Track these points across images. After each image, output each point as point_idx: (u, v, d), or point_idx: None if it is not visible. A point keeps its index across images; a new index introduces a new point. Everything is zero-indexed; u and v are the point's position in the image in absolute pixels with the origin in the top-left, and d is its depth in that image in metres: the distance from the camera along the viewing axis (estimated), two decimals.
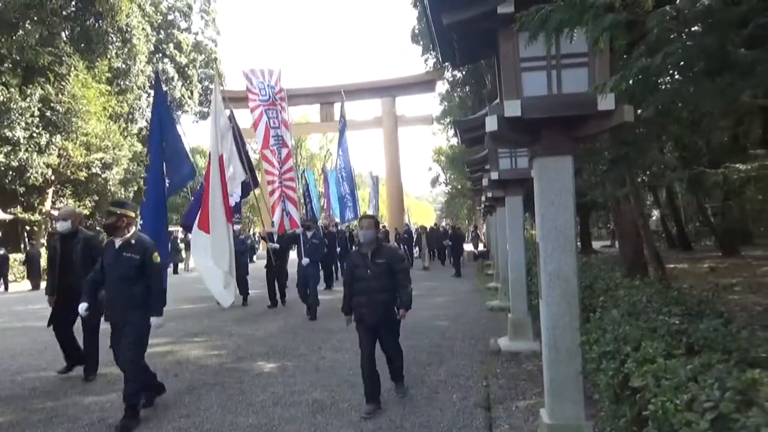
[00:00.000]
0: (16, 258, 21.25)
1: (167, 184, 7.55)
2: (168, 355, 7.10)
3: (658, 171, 9.94)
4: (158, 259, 4.78)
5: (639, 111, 5.34)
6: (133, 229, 4.82)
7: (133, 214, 4.86)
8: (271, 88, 11.18)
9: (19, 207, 23.14)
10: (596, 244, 27.13)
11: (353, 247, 15.06)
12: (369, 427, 4.37)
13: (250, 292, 12.19)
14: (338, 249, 15.42)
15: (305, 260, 9.82)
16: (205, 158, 27.83)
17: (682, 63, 2.53)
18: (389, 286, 4.87)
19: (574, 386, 3.44)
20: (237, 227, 11.17)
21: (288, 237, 11.35)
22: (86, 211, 23.79)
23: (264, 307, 11.05)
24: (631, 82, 2.65)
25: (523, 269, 7.32)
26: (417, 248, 23.86)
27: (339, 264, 15.83)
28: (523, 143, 4.30)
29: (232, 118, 11.05)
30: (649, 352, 2.19)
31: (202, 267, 7.92)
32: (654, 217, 27.66)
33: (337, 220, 18.14)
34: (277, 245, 11.33)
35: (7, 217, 22.41)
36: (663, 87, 5.54)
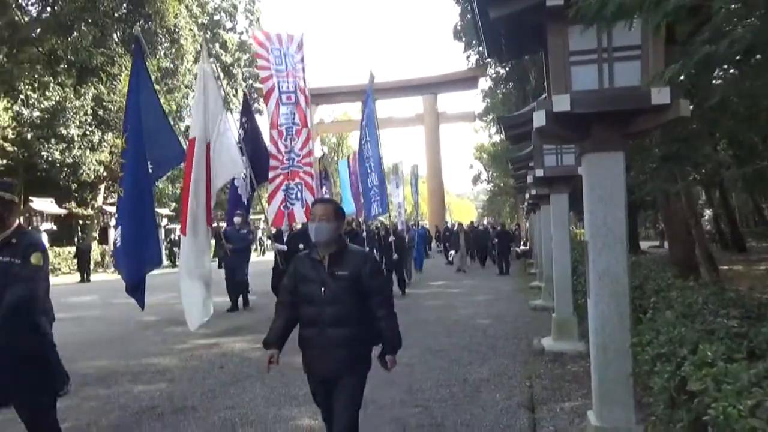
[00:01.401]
0: (69, 251, 22.19)
1: (150, 169, 6.30)
2: (214, 347, 7.27)
3: (711, 169, 9.55)
4: (40, 261, 3.32)
5: (691, 106, 5.13)
6: (15, 222, 3.36)
7: (9, 198, 3.29)
8: (289, 57, 9.52)
9: (72, 202, 24.14)
10: (644, 244, 26.35)
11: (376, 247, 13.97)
12: (411, 424, 4.36)
13: (251, 295, 11.03)
14: (366, 249, 14.80)
15: None
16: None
17: (746, 51, 2.40)
18: (354, 316, 3.01)
19: (624, 389, 3.34)
20: (237, 220, 10.45)
21: (299, 234, 9.69)
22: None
23: None
24: (689, 72, 2.52)
25: (569, 268, 7.16)
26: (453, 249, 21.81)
27: None
28: (572, 139, 4.19)
29: (245, 104, 10.85)
30: (707, 355, 2.10)
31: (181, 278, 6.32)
32: (706, 217, 26.65)
33: (351, 216, 16.34)
34: (284, 247, 9.84)
35: (62, 211, 23.40)
36: (719, 80, 5.33)
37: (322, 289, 2.97)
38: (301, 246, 10.25)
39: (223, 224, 13.68)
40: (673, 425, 2.30)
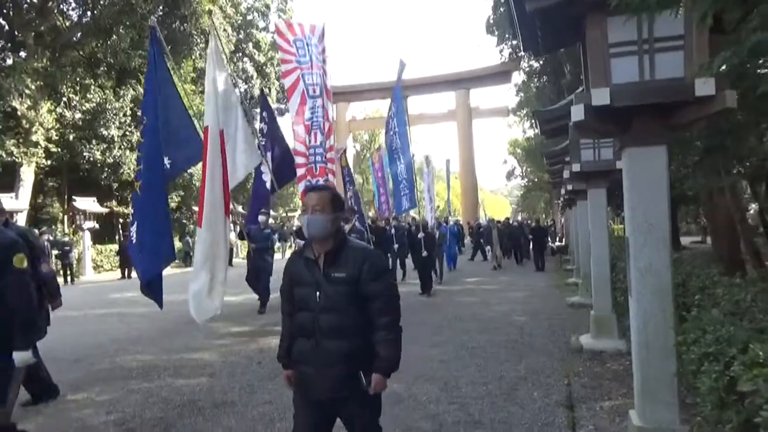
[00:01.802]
0: (111, 249, 22.87)
1: (167, 166, 6.14)
2: (251, 343, 7.38)
3: (757, 161, 9.21)
4: (24, 263, 3.26)
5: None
6: None
7: None
8: (312, 48, 8.90)
9: (114, 201, 24.86)
10: (685, 240, 25.63)
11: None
12: (448, 421, 4.35)
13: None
14: (395, 246, 13.91)
15: None
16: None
17: None
18: (356, 326, 2.55)
19: (668, 388, 3.26)
20: (262, 218, 10.18)
21: None
22: (173, 205, 25.20)
23: None
24: (740, 61, 2.43)
25: (607, 265, 7.03)
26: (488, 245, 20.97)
27: (400, 263, 14.82)
28: (611, 133, 4.10)
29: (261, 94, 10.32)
30: (758, 354, 2.03)
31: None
32: (751, 211, 25.73)
33: (364, 214, 15.54)
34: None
35: (104, 210, 24.10)
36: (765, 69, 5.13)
37: (317, 293, 2.49)
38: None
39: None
40: (721, 426, 2.24)
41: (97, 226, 22.88)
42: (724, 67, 2.83)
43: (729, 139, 6.59)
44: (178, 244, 25.94)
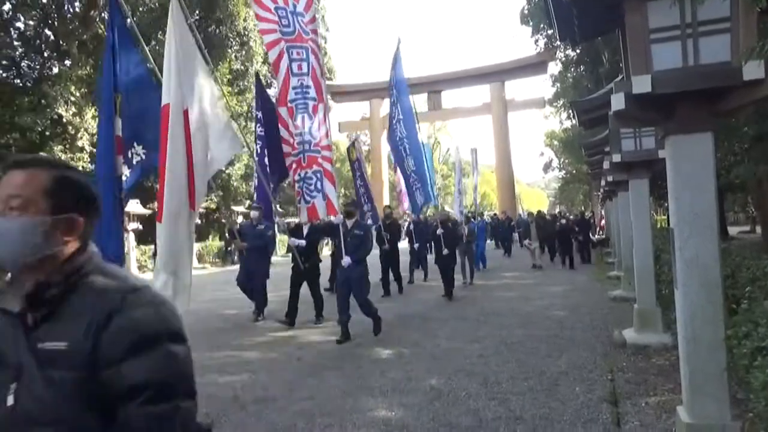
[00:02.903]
0: (152, 249, 23.55)
1: (141, 156, 5.46)
2: (291, 340, 7.48)
3: None
4: None
5: None
6: None
7: None
8: (298, 17, 7.53)
9: (156, 203, 25.56)
10: (732, 230, 24.74)
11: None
12: (488, 417, 4.31)
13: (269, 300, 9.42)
14: (416, 245, 13.04)
15: (345, 260, 7.19)
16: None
17: None
18: None
19: (718, 383, 3.15)
20: (254, 214, 9.18)
21: (321, 227, 8.55)
22: (212, 206, 25.74)
23: (377, 296, 11.15)
24: None
25: (651, 257, 6.84)
26: (527, 240, 19.06)
27: (420, 265, 13.64)
28: (654, 121, 3.99)
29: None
30: None
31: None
32: None
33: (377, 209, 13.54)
34: (302, 242, 8.49)
35: (147, 212, 24.78)
36: None
37: (12, 387, 1.16)
38: (327, 241, 10.20)
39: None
40: None
41: (141, 227, 23.55)
42: None
43: None
44: (219, 243, 26.54)
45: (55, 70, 22.76)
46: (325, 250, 11.46)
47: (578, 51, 17.81)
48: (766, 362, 2.20)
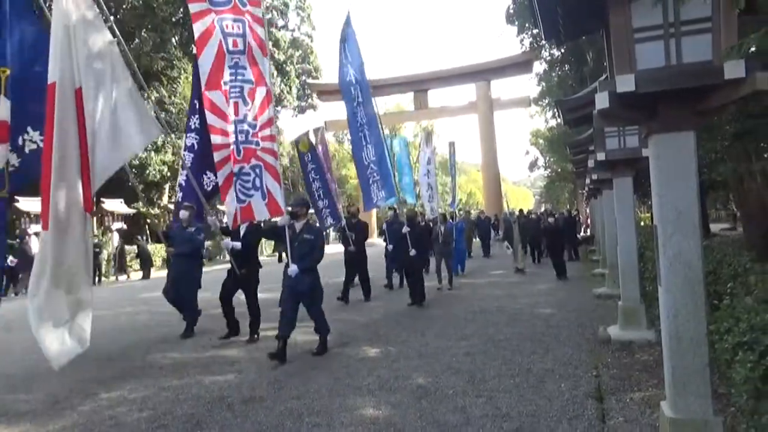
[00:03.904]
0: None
1: (38, 144, 4.73)
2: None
3: None
4: None
5: None
6: None
7: None
8: None
9: (140, 202, 25.33)
10: (714, 227, 25.07)
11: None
12: (475, 414, 4.33)
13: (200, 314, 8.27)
14: (389, 247, 11.26)
15: (292, 268, 6.30)
16: None
17: None
18: None
19: (701, 378, 3.19)
20: (183, 215, 7.86)
21: (262, 229, 7.60)
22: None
23: (362, 295, 11.08)
24: None
25: (635, 254, 6.92)
26: (506, 242, 18.10)
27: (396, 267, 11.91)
28: (638, 120, 4.03)
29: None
30: None
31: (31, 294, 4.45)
32: None
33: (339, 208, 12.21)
34: (237, 244, 7.32)
35: (131, 211, 24.56)
36: None
37: None
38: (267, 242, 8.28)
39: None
40: (758, 417, 2.18)
41: (125, 226, 23.32)
42: (753, 49, 2.75)
43: (760, 123, 6.42)
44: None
45: None
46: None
47: (563, 50, 17.94)
48: (747, 357, 2.24)
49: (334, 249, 12.25)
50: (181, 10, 26.53)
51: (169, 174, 24.36)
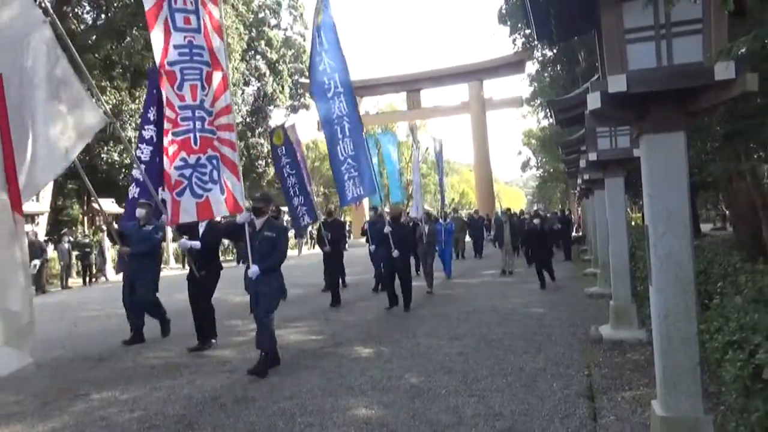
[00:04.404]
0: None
1: None
2: None
3: None
4: None
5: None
6: None
7: None
8: None
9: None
10: (705, 227, 25.28)
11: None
12: (467, 414, 4.34)
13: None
14: (371, 247, 10.63)
15: (253, 269, 5.74)
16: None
17: None
18: None
19: (691, 377, 3.22)
20: (140, 212, 7.42)
21: (222, 227, 7.12)
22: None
23: (357, 294, 11.09)
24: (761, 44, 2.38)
25: (626, 254, 6.95)
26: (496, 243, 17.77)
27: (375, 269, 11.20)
28: (629, 120, 4.05)
29: None
30: None
31: None
32: None
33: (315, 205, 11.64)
34: (196, 243, 6.85)
35: (122, 210, 24.40)
36: None
37: None
38: (227, 243, 7.39)
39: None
40: (747, 415, 2.20)
41: (116, 226, 23.19)
42: (743, 51, 2.77)
43: (750, 123, 6.47)
44: None
45: None
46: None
47: (555, 51, 18.01)
48: (737, 356, 2.26)
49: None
50: None
51: None
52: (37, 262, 15.27)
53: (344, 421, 4.32)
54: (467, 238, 21.36)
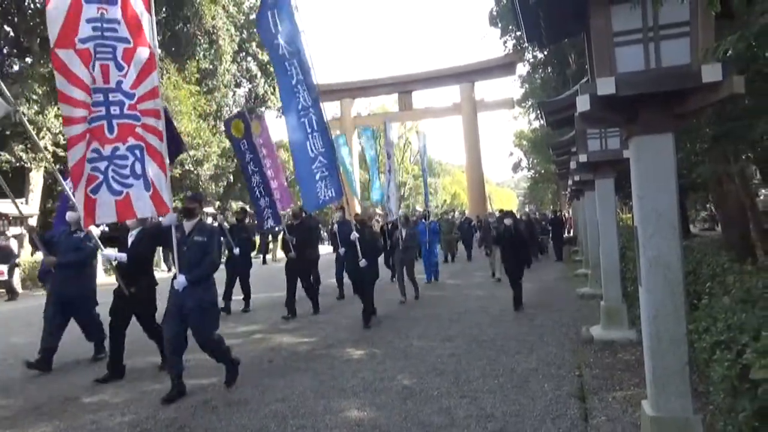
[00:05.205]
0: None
1: None
2: (262, 342, 7.41)
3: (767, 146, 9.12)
4: None
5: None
6: None
7: None
8: None
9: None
10: (694, 228, 25.47)
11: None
12: (459, 415, 4.35)
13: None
14: (340, 250, 9.88)
15: (179, 280, 5.01)
16: (287, 153, 28.11)
17: None
18: None
19: (681, 378, 3.24)
20: (73, 216, 6.39)
21: (154, 233, 5.89)
22: (178, 205, 25.35)
23: (347, 295, 11.03)
24: (747, 45, 2.41)
25: (617, 255, 7.00)
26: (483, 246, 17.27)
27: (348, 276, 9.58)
28: (618, 122, 4.08)
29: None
30: None
31: None
32: (761, 197, 25.52)
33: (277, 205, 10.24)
34: (122, 255, 5.84)
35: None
36: None
37: None
38: (161, 251, 6.40)
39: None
40: (735, 415, 2.22)
41: (106, 228, 23.02)
42: (730, 52, 2.80)
43: (738, 125, 6.54)
44: None
45: (16, 67, 22.06)
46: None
47: (546, 53, 18.12)
48: (725, 356, 2.28)
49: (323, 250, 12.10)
50: (164, 9, 26.33)
51: None
52: (4, 267, 14.86)
53: (336, 423, 4.32)
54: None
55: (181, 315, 5.07)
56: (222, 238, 7.25)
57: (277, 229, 10.14)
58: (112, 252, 5.81)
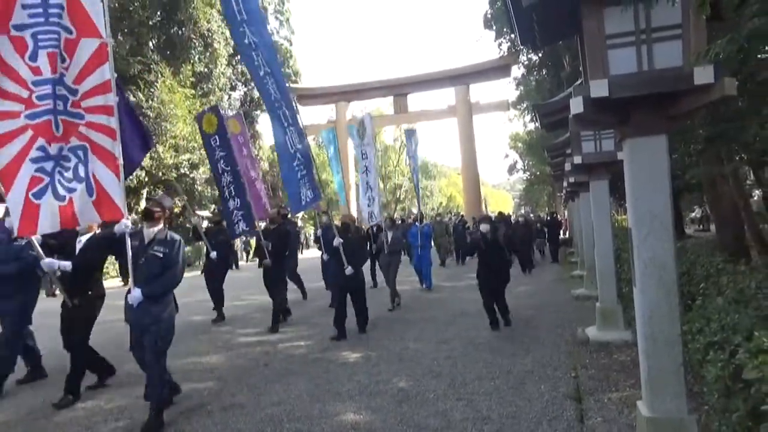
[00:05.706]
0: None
1: None
2: (258, 346, 7.39)
3: (760, 148, 9.15)
4: None
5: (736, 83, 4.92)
6: None
7: None
8: None
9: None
10: (689, 229, 25.54)
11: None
12: (456, 418, 4.35)
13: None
14: (324, 256, 9.53)
15: (135, 294, 4.50)
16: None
17: None
18: None
19: (675, 378, 3.26)
20: (10, 221, 5.07)
21: (98, 241, 5.38)
22: (177, 209, 25.27)
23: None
24: (738, 47, 2.42)
25: (611, 256, 7.02)
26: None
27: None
28: (611, 125, 4.09)
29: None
30: (764, 342, 2.02)
31: None
32: (755, 198, 25.62)
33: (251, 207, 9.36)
34: (66, 264, 5.12)
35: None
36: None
37: None
38: (115, 259, 5.97)
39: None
40: (728, 415, 2.23)
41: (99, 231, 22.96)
42: (721, 54, 2.82)
43: (731, 126, 6.56)
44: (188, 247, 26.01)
45: None
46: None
47: (540, 55, 18.19)
48: (718, 357, 2.29)
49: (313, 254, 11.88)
50: (159, 13, 26.31)
51: (147, 179, 24.06)
52: None
53: (332, 427, 4.32)
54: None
55: (140, 334, 4.69)
56: (199, 242, 6.93)
57: (250, 233, 9.59)
58: (53, 260, 5.05)
